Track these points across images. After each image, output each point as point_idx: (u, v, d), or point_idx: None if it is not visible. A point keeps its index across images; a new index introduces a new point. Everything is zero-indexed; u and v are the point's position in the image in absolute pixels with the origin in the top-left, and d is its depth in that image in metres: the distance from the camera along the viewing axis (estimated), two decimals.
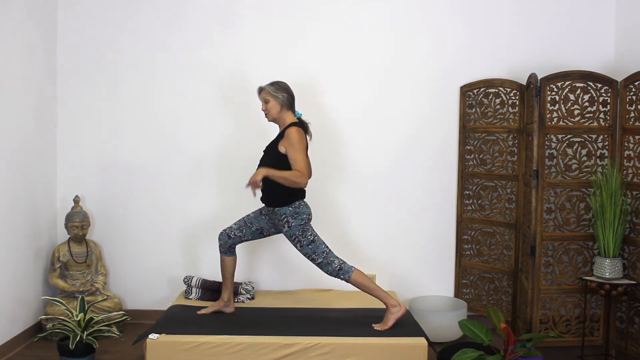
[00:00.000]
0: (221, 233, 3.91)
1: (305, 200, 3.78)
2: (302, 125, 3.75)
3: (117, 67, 4.47)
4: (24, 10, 4.04)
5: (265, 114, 3.80)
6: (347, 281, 3.69)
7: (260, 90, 3.80)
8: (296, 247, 3.73)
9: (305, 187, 3.71)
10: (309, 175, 3.81)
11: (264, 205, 3.84)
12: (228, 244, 3.88)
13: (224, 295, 3.94)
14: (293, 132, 3.65)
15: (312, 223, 3.86)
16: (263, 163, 3.75)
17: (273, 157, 3.70)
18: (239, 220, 3.93)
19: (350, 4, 4.47)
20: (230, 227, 3.91)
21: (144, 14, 4.45)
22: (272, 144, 3.78)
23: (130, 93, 4.48)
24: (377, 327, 3.67)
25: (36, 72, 4.22)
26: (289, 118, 3.77)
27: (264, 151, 3.83)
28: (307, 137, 3.78)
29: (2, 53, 3.79)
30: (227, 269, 3.91)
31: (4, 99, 3.83)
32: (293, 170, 3.61)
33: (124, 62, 4.47)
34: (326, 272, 3.71)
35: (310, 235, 3.71)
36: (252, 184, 3.56)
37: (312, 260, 3.71)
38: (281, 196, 3.69)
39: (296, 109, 3.84)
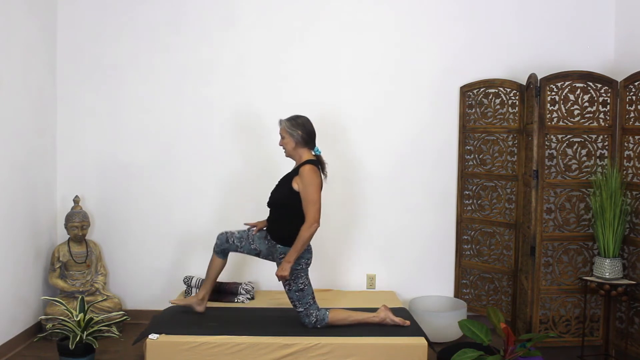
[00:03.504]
0: (222, 233, 3.87)
1: (309, 243, 3.66)
2: (319, 163, 3.66)
3: (117, 66, 4.47)
4: (24, 10, 4.04)
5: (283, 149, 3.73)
6: (326, 326, 3.66)
7: (280, 123, 3.70)
8: (284, 287, 3.68)
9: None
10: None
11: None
12: (223, 247, 3.83)
13: (200, 292, 3.89)
14: (307, 170, 3.54)
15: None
16: (273, 195, 3.70)
17: (286, 192, 3.62)
18: (243, 231, 3.86)
19: (351, 4, 4.47)
20: (233, 233, 3.85)
21: (144, 13, 4.45)
22: (287, 178, 3.68)
23: (130, 93, 4.48)
24: (399, 321, 3.72)
25: (36, 72, 4.22)
26: (305, 155, 3.65)
27: (278, 182, 3.73)
28: (322, 175, 3.66)
29: (2, 52, 3.79)
30: (214, 268, 3.86)
31: (4, 98, 3.83)
32: (305, 224, 3.52)
33: (124, 61, 4.47)
34: (303, 323, 3.67)
35: (302, 283, 3.65)
36: (282, 278, 3.57)
37: (295, 306, 3.68)
38: (287, 235, 3.61)
39: (316, 145, 3.71)
